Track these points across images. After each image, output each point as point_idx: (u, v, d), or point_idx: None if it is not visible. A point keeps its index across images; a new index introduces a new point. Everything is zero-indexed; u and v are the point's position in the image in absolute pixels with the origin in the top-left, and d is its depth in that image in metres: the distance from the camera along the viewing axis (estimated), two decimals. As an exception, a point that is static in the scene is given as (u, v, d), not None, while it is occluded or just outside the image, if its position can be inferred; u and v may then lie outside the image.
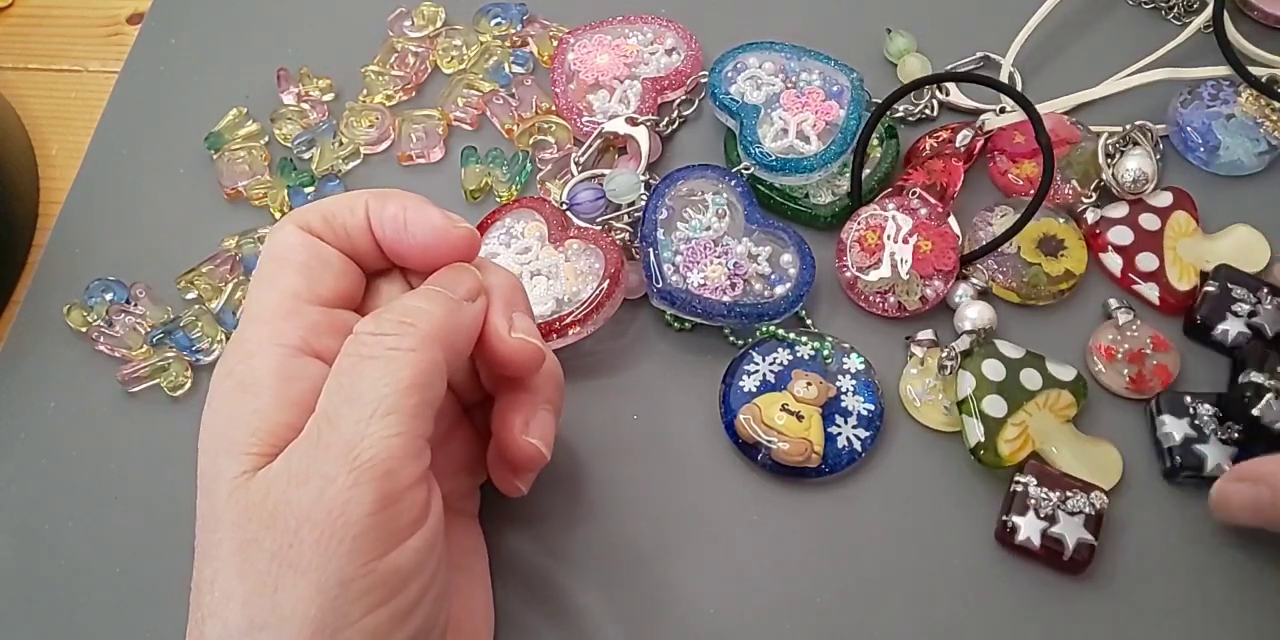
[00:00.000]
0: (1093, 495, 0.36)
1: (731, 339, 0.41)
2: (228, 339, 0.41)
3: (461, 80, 0.47)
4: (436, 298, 0.29)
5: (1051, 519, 0.35)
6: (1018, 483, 0.36)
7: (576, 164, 0.44)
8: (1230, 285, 0.40)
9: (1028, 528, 0.35)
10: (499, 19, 0.49)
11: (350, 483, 0.25)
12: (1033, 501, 0.36)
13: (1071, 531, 0.35)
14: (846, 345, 0.40)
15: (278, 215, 0.45)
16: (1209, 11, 0.45)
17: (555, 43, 0.48)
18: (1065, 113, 0.45)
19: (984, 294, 0.41)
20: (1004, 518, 0.36)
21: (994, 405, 0.37)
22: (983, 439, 0.37)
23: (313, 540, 0.25)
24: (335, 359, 0.28)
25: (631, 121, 0.44)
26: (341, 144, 0.46)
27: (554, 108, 0.46)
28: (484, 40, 0.49)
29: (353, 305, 0.32)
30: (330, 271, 0.31)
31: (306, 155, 0.46)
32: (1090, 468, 0.37)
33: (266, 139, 0.47)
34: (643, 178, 0.42)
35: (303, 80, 0.48)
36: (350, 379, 0.27)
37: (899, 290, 0.40)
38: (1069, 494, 0.36)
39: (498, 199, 0.45)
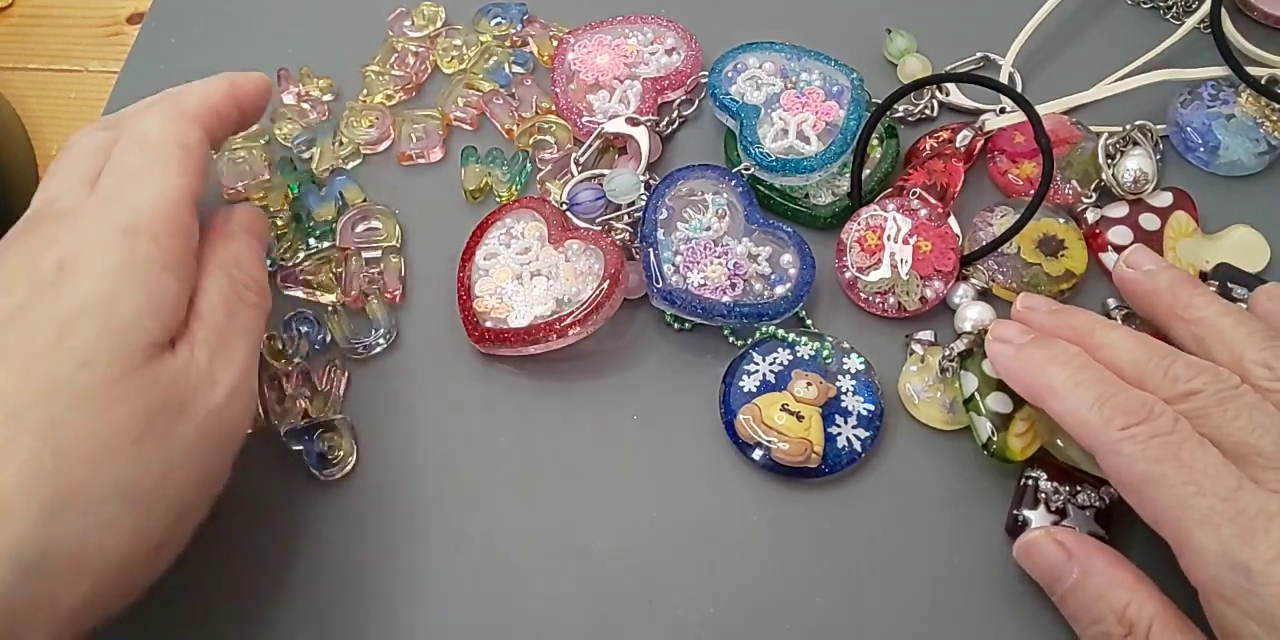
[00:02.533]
0: (1103, 489, 0.36)
1: (731, 339, 0.41)
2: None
3: (461, 80, 0.47)
4: None
5: (1062, 513, 0.36)
6: (1028, 477, 0.36)
7: (576, 164, 0.44)
8: (1231, 285, 0.40)
9: (1038, 522, 0.36)
10: (499, 19, 0.49)
11: None
12: (1043, 495, 0.36)
13: (1082, 525, 0.35)
14: (846, 345, 0.40)
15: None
16: (1204, 9, 0.45)
17: (555, 43, 0.48)
18: (1065, 113, 0.45)
19: (984, 294, 0.41)
20: (1014, 511, 0.36)
21: (999, 402, 0.37)
22: (993, 435, 0.37)
23: None
24: None
25: (631, 121, 0.44)
26: (341, 144, 0.46)
27: (554, 108, 0.46)
28: (484, 40, 0.49)
29: None
30: None
31: (306, 155, 0.46)
32: (1095, 461, 0.37)
33: (266, 139, 0.47)
34: (643, 178, 0.42)
35: (303, 80, 0.48)
36: None
37: (899, 290, 0.40)
38: (1079, 488, 0.36)
39: (498, 199, 0.45)
